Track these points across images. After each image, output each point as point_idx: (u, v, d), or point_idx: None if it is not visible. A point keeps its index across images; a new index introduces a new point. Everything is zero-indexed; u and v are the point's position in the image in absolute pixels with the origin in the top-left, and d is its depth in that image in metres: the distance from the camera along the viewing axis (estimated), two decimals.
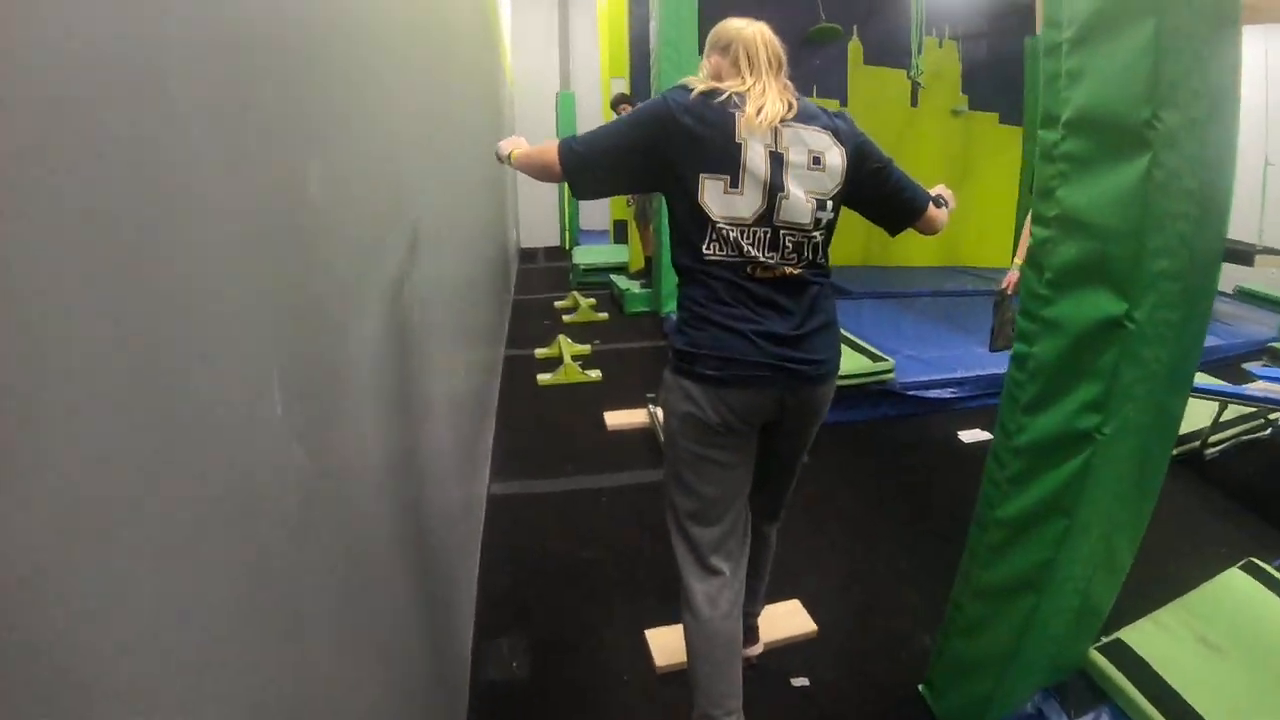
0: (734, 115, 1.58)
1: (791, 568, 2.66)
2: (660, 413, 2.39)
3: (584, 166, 1.67)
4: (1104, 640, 2.14)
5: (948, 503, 3.33)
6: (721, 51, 1.73)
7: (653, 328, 6.11)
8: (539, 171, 1.78)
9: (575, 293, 7.06)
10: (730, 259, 1.59)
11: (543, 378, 4.79)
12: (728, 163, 1.57)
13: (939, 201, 1.93)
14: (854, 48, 8.13)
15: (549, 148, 1.71)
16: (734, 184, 1.57)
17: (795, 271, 1.63)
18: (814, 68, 7.90)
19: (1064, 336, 1.55)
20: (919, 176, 1.89)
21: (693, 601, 1.76)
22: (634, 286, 6.78)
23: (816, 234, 1.65)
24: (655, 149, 1.60)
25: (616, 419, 4.10)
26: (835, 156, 1.66)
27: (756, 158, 1.57)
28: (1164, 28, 1.31)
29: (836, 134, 1.68)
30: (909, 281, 7.57)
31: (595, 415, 4.19)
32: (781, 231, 1.60)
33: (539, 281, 8.75)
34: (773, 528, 2.06)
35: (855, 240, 8.41)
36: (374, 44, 1.32)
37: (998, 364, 4.50)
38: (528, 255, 10.80)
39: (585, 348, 5.43)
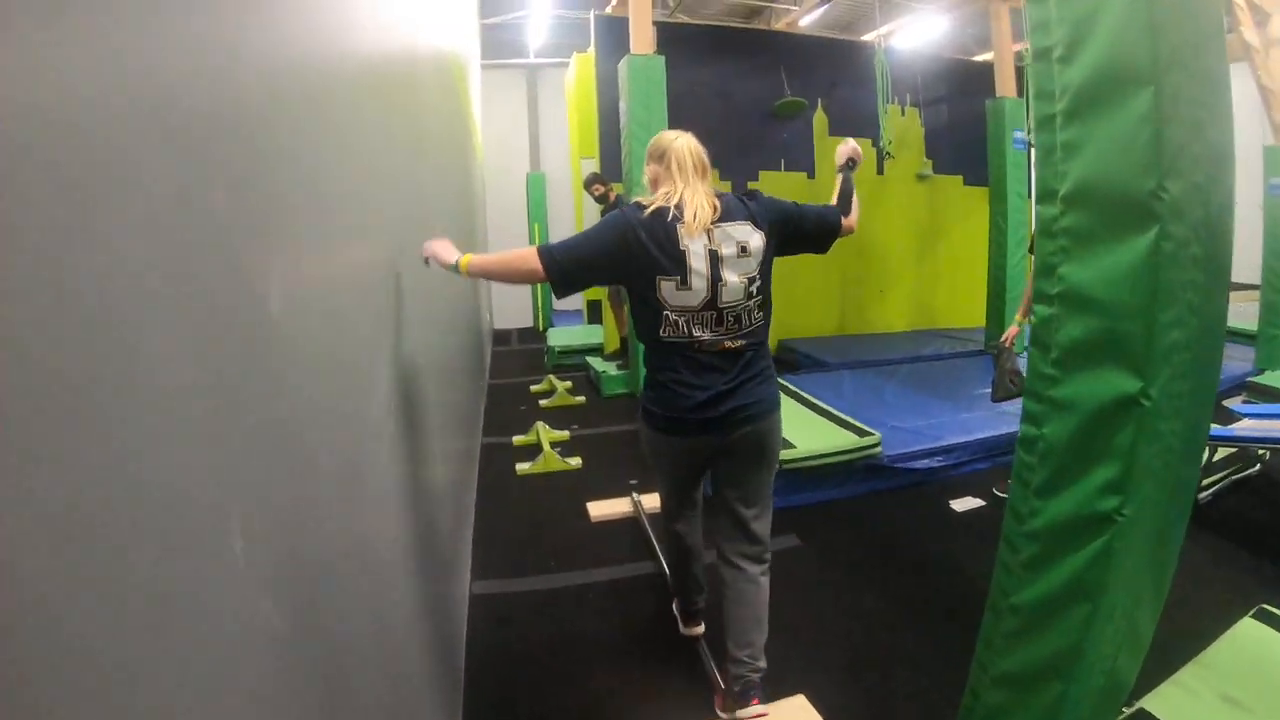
0: (676, 227, 1.99)
1: (794, 661, 2.53)
2: (643, 500, 3.26)
3: (565, 273, 1.99)
4: (1127, 712, 2.05)
5: (947, 576, 3.22)
6: (658, 160, 2.14)
7: (631, 410, 5.93)
8: (518, 277, 2.10)
9: (551, 376, 6.97)
10: (679, 339, 2.03)
11: (522, 467, 4.66)
12: (676, 266, 1.98)
13: (845, 208, 2.33)
14: (819, 119, 8.26)
15: (526, 255, 2.01)
16: (683, 283, 1.99)
17: (731, 345, 2.05)
18: (781, 141, 8.03)
19: (1075, 416, 1.47)
20: (887, 241, 2.43)
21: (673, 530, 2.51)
22: (610, 368, 6.70)
23: (751, 303, 2.06)
24: (620, 254, 2.00)
25: (600, 509, 3.95)
26: (757, 240, 2.06)
27: (699, 259, 1.99)
28: (1163, 95, 1.27)
29: (754, 219, 2.09)
30: (886, 348, 7.54)
31: (578, 505, 4.04)
32: (724, 310, 2.02)
33: (514, 364, 8.63)
34: (758, 568, 2.30)
35: (830, 311, 8.45)
36: (346, 120, 1.31)
37: (983, 428, 4.51)
38: (501, 337, 10.71)
39: (564, 434, 5.30)
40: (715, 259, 2.00)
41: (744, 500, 2.25)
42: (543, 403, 6.28)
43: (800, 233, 2.20)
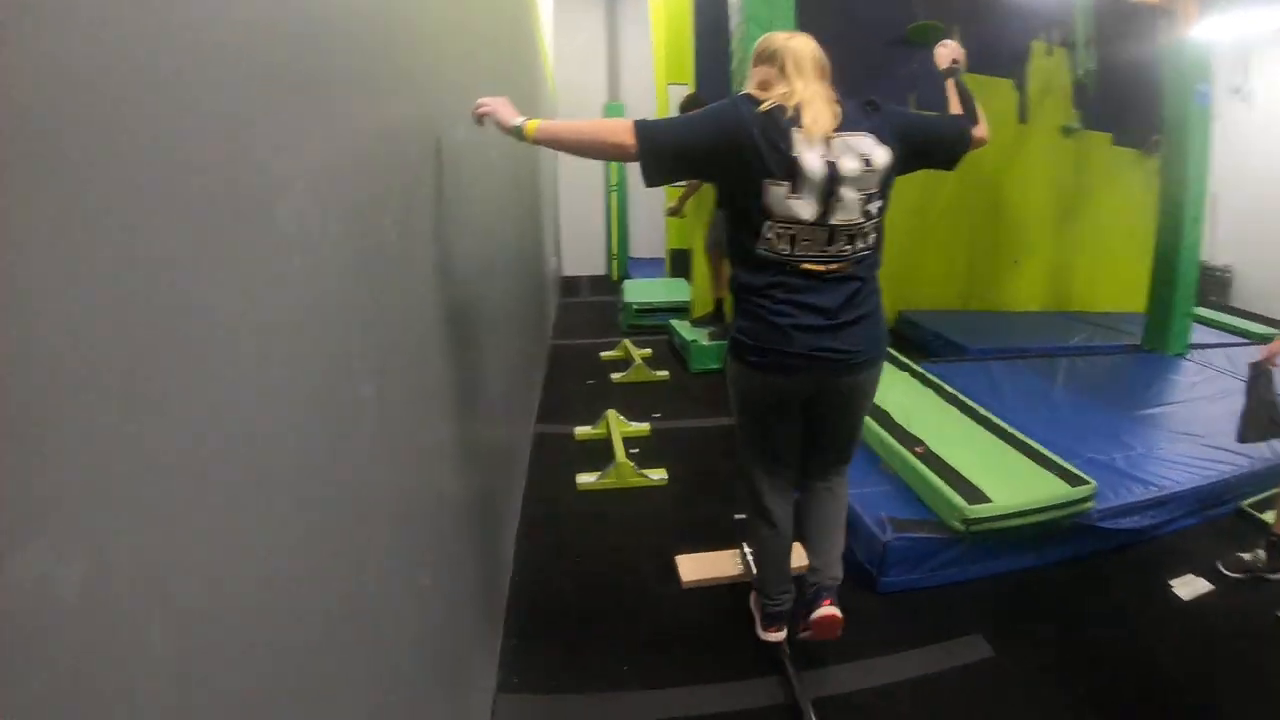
0: (791, 130, 1.78)
1: None
2: (754, 555, 2.46)
3: (659, 155, 1.80)
4: None
5: (1179, 701, 2.25)
6: (769, 61, 1.90)
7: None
8: (599, 150, 1.93)
9: (627, 341, 5.85)
10: (779, 256, 1.84)
11: (584, 479, 3.54)
12: (788, 171, 1.78)
13: (973, 116, 2.13)
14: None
15: (615, 124, 1.79)
16: (794, 190, 1.78)
17: (837, 267, 1.86)
18: (911, 73, 6.68)
19: None
20: (1024, 203, 2.76)
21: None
22: (701, 337, 5.53)
23: (868, 224, 1.88)
24: (727, 149, 1.80)
25: (695, 568, 2.80)
26: (882, 155, 1.85)
27: (813, 167, 1.78)
28: None
29: (877, 132, 1.87)
30: (1026, 333, 6.29)
31: (662, 553, 2.93)
32: (836, 229, 1.83)
33: (582, 321, 7.46)
34: (837, 477, 2.24)
35: (954, 281, 7.19)
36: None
37: (1192, 468, 3.35)
38: (569, 286, 9.43)
39: (643, 427, 4.19)
40: (833, 170, 1.80)
41: (833, 441, 2.17)
42: (615, 376, 5.20)
43: (930, 144, 2.04)
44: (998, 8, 6.89)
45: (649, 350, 5.70)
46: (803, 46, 1.88)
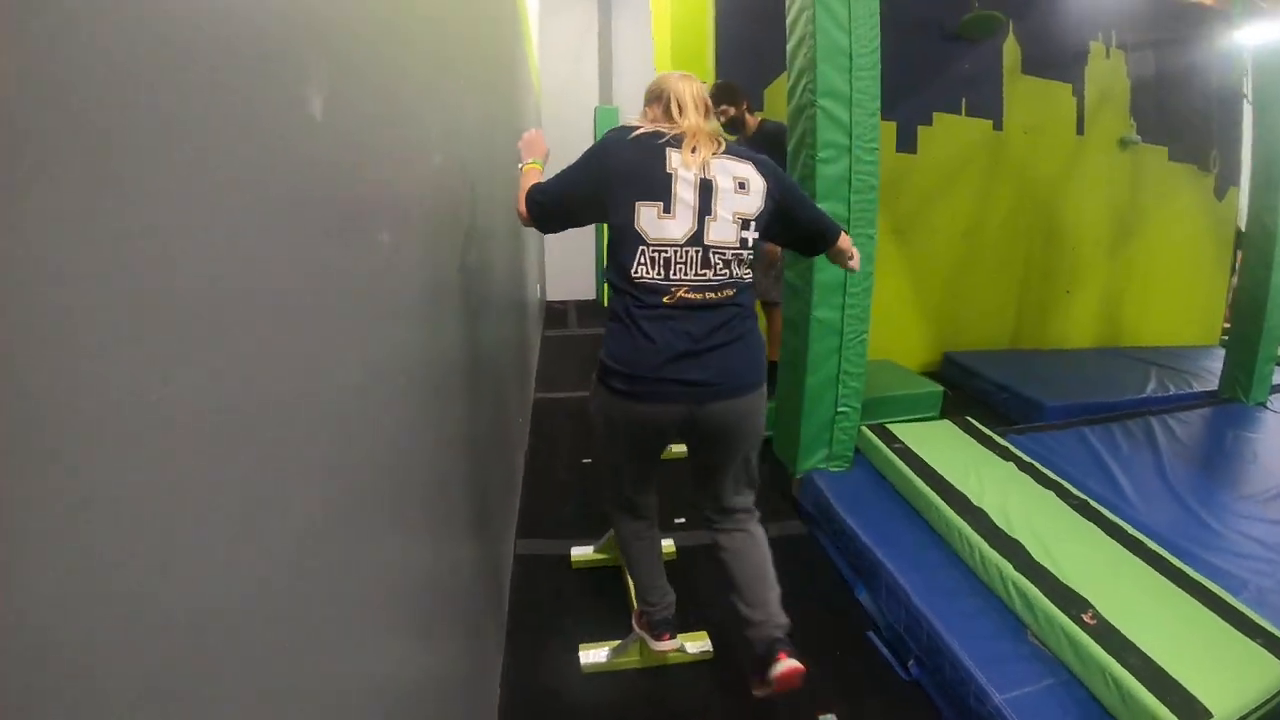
0: (664, 149, 1.80)
1: None
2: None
3: (545, 215, 1.93)
4: None
5: None
6: (655, 101, 1.93)
7: (782, 487, 3.75)
8: (518, 210, 1.97)
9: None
10: (654, 281, 1.78)
11: (591, 656, 2.42)
12: (660, 191, 1.77)
13: (846, 232, 2.16)
14: (1010, 49, 5.91)
15: (523, 195, 1.94)
16: (666, 209, 1.77)
17: (715, 296, 1.81)
18: (962, 73, 5.71)
19: None
20: (1080, 223, 3.23)
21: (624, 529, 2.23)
22: None
23: (743, 252, 1.85)
24: (600, 186, 1.82)
25: None
26: (759, 182, 1.87)
27: (686, 186, 1.78)
28: None
29: (758, 165, 1.89)
30: (1095, 379, 5.37)
31: None
32: (710, 250, 1.79)
33: (572, 364, 6.21)
34: (749, 519, 2.13)
35: (1004, 315, 6.23)
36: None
37: None
38: (555, 316, 8.26)
39: (666, 546, 2.93)
40: (708, 189, 1.80)
41: (720, 477, 2.07)
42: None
43: (798, 212, 2.01)
44: (1055, 3, 5.97)
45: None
46: (687, 87, 1.89)
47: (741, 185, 1.83)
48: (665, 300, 1.78)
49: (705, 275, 1.79)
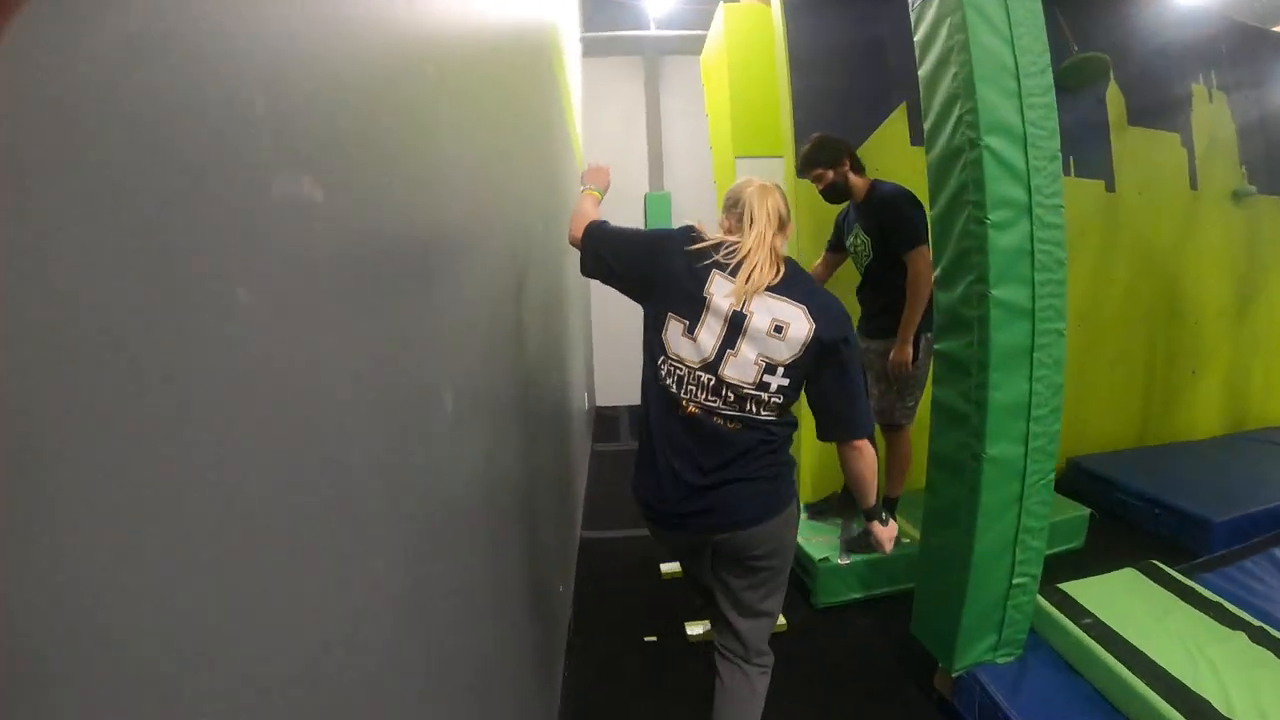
0: (709, 270, 1.75)
1: None
2: None
3: (594, 256, 1.92)
4: None
5: None
6: (730, 210, 1.87)
7: (916, 684, 2.75)
8: (570, 231, 2.00)
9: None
10: (670, 391, 1.78)
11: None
12: (693, 309, 1.74)
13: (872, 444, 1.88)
14: (1114, 98, 5.04)
15: (582, 218, 1.99)
16: (690, 330, 1.74)
17: (721, 422, 1.75)
18: (1064, 127, 4.82)
19: None
20: (1199, 292, 2.16)
21: None
22: (835, 555, 3.33)
23: (763, 395, 1.73)
24: (649, 275, 1.82)
25: None
26: (801, 329, 1.72)
27: (717, 316, 1.72)
28: None
29: (811, 311, 1.73)
30: (1246, 479, 4.33)
31: None
32: (724, 386, 1.73)
33: (622, 488, 5.15)
34: (754, 669, 2.04)
35: (1131, 406, 5.20)
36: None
37: None
38: (606, 426, 7.22)
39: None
40: (738, 323, 1.72)
41: (735, 605, 1.99)
42: (694, 629, 3.04)
43: (827, 385, 1.79)
44: (1153, 42, 5.16)
45: None
46: (762, 199, 1.82)
47: (778, 329, 1.73)
48: (679, 412, 1.78)
49: (715, 403, 1.75)
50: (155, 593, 0.41)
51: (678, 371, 1.76)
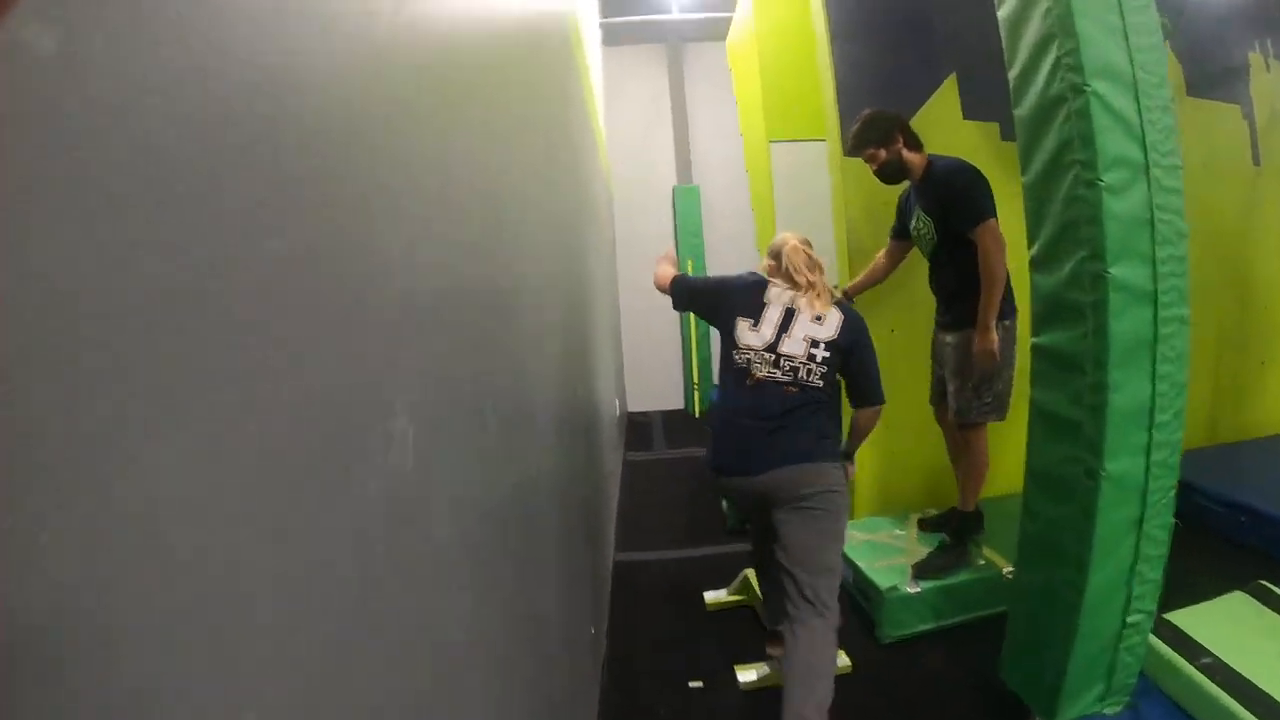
0: (766, 285, 2.40)
1: None
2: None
3: (684, 295, 2.59)
4: None
5: None
6: (774, 259, 2.47)
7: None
8: (656, 279, 2.69)
9: (750, 573, 3.15)
10: (741, 368, 2.32)
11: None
12: (755, 312, 2.36)
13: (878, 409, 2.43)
14: (1171, 67, 4.61)
15: (668, 272, 2.66)
16: (754, 325, 2.34)
17: (785, 385, 2.27)
18: None
19: None
20: (1273, 280, 2.25)
21: None
22: (903, 582, 2.93)
23: (811, 365, 2.28)
24: (723, 297, 2.45)
25: None
26: (834, 322, 2.32)
27: (774, 312, 2.34)
28: None
29: (844, 313, 2.36)
30: None
31: None
32: (782, 359, 2.29)
33: (660, 502, 4.76)
34: (816, 619, 2.14)
35: (1199, 409, 4.75)
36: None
37: None
38: (638, 433, 6.88)
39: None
40: (790, 316, 2.33)
41: (790, 557, 2.21)
42: (746, 675, 2.63)
43: (855, 373, 2.36)
44: (1206, 7, 4.79)
45: None
46: (794, 249, 2.41)
47: (819, 319, 2.32)
48: (748, 382, 2.30)
49: (775, 374, 2.28)
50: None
51: (747, 355, 2.32)
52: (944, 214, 2.88)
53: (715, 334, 6.86)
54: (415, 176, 0.83)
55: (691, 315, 6.95)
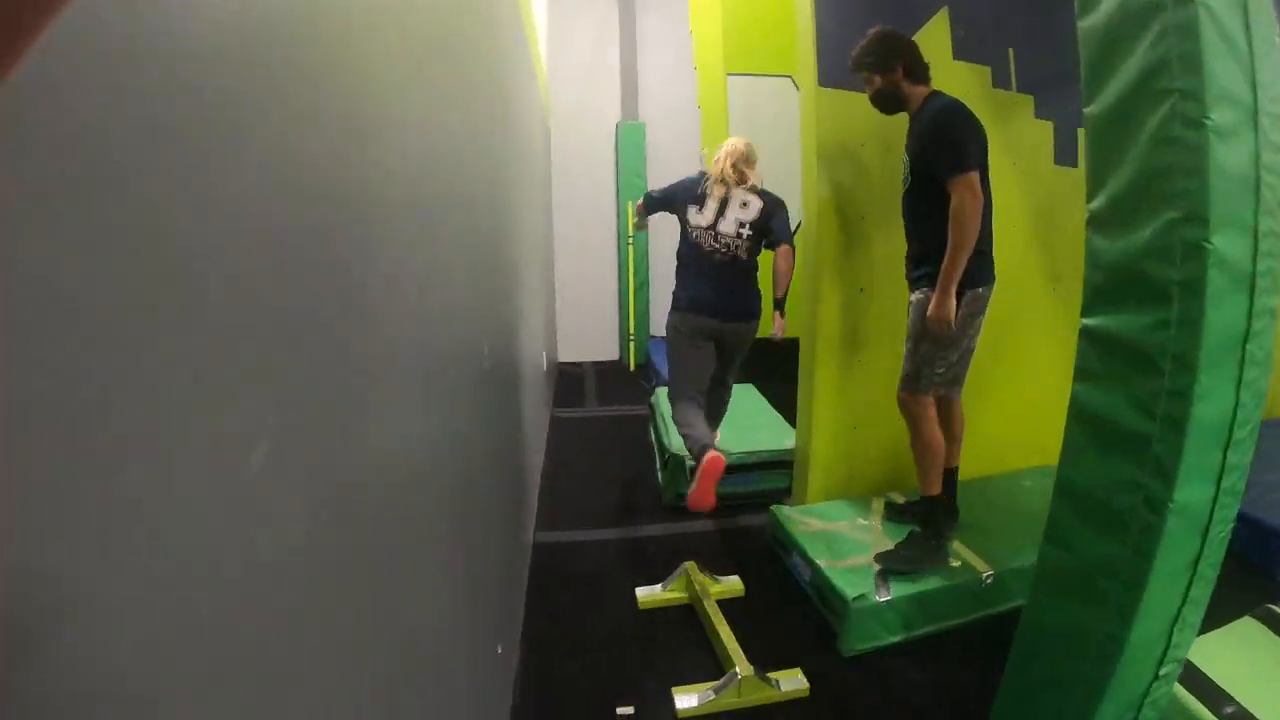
0: (707, 183, 3.14)
1: None
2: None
3: (654, 205, 3.37)
4: None
5: None
6: (716, 159, 3.20)
7: None
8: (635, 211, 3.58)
9: (692, 565, 2.84)
10: (694, 242, 3.15)
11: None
12: (700, 201, 3.14)
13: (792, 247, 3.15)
14: None
15: (639, 207, 3.51)
16: (700, 210, 3.13)
17: (722, 255, 3.11)
18: None
19: None
20: None
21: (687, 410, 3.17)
22: (871, 590, 2.51)
23: (741, 242, 3.10)
24: (678, 195, 3.24)
25: None
26: (755, 208, 3.09)
27: (712, 200, 3.11)
28: None
29: (763, 199, 3.11)
30: None
31: None
32: (720, 235, 3.09)
33: (590, 471, 4.25)
34: (725, 387, 3.48)
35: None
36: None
37: None
38: (569, 387, 6.25)
39: None
40: (724, 204, 3.09)
41: (723, 369, 3.35)
42: (683, 703, 2.16)
43: (768, 230, 3.12)
44: None
45: (739, 584, 2.86)
46: (733, 153, 3.12)
47: (744, 205, 3.10)
48: (702, 251, 3.13)
49: (715, 247, 3.11)
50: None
51: (697, 232, 3.13)
52: (923, 155, 2.54)
53: (654, 284, 6.50)
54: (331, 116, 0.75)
55: (630, 262, 6.94)
